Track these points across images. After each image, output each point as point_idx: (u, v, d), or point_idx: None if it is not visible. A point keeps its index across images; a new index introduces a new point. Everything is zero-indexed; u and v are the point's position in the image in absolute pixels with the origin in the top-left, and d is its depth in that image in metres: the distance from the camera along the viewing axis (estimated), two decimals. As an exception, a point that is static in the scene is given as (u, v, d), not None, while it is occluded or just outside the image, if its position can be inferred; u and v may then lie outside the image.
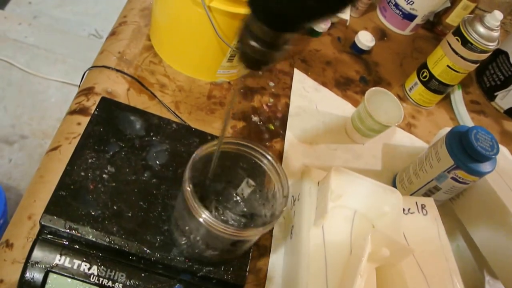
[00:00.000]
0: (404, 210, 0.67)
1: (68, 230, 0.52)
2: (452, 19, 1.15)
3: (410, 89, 1.00)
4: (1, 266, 0.55)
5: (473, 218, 0.77)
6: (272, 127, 0.82)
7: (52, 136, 0.68)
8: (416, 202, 0.69)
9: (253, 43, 0.39)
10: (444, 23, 1.18)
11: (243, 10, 0.67)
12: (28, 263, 0.51)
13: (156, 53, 0.83)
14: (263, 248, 0.67)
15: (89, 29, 2.29)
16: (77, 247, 0.53)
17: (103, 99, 0.64)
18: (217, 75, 0.82)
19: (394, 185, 0.82)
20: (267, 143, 0.79)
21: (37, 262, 0.51)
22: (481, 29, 0.83)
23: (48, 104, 1.92)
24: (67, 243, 0.53)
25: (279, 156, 0.78)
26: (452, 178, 0.71)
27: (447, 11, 1.15)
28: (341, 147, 0.85)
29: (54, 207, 0.52)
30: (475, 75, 1.16)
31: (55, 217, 0.52)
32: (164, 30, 0.79)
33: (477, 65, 0.89)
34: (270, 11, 0.37)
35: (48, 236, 0.53)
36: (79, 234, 0.52)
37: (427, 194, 0.77)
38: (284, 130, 0.82)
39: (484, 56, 0.86)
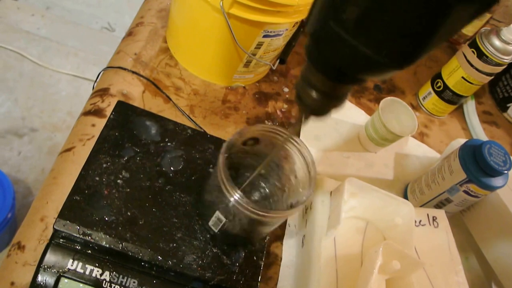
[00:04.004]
0: (415, 222, 0.67)
1: (81, 236, 0.51)
2: (467, 29, 1.15)
3: (424, 98, 1.00)
4: (13, 268, 0.55)
5: (483, 231, 0.77)
6: None
7: (61, 129, 0.68)
8: (427, 214, 0.69)
9: (312, 93, 0.38)
10: (459, 33, 1.17)
11: (262, 17, 0.67)
12: (40, 267, 0.51)
13: (172, 55, 0.82)
14: (273, 256, 0.67)
15: (102, 22, 2.29)
16: (90, 252, 0.53)
17: (119, 103, 0.64)
18: (233, 79, 0.82)
19: (405, 195, 0.82)
20: None
21: (49, 267, 0.51)
22: (497, 42, 0.83)
23: (59, 97, 1.92)
24: (80, 248, 0.53)
25: None
26: (464, 191, 0.71)
27: None
28: (354, 155, 0.84)
29: (68, 212, 0.52)
30: (488, 86, 1.15)
31: (69, 222, 0.52)
32: (181, 33, 0.78)
33: (492, 77, 0.89)
34: (329, 63, 0.35)
35: (61, 240, 0.52)
36: (92, 240, 0.52)
37: (439, 206, 0.76)
38: (298, 137, 0.81)
39: (499, 69, 0.86)
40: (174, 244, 0.55)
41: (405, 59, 0.30)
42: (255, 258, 0.58)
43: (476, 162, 0.68)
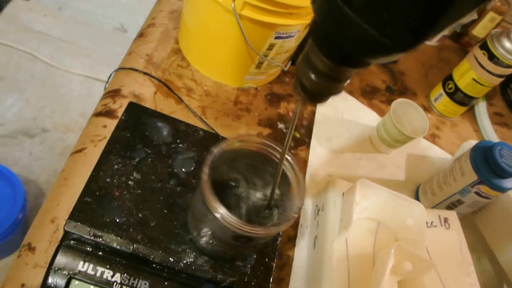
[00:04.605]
0: (427, 223, 0.67)
1: (92, 237, 0.51)
2: (478, 31, 1.16)
3: (435, 99, 1.01)
4: (23, 269, 0.54)
5: (494, 232, 0.77)
6: (298, 135, 0.81)
7: (73, 130, 0.68)
8: (439, 216, 0.69)
9: (312, 76, 0.37)
10: (470, 34, 1.19)
11: (274, 19, 0.67)
12: (51, 268, 0.50)
13: (184, 56, 0.82)
14: (286, 258, 0.66)
15: (114, 22, 2.30)
16: (101, 254, 0.52)
17: (130, 104, 0.63)
18: (245, 80, 0.81)
19: (417, 196, 0.82)
20: (292, 151, 0.79)
21: (60, 268, 0.50)
22: (507, 44, 0.84)
23: (71, 97, 1.92)
24: (90, 249, 0.52)
25: (304, 164, 0.78)
26: (476, 192, 0.71)
27: (473, 22, 1.16)
28: (366, 156, 0.84)
29: (79, 213, 0.52)
30: (499, 87, 1.16)
31: (80, 224, 0.51)
32: (193, 34, 0.78)
33: (503, 79, 0.89)
34: (334, 44, 0.34)
35: (72, 242, 0.52)
36: (103, 241, 0.51)
37: (450, 207, 0.77)
38: (310, 138, 0.82)
39: (510, 71, 0.87)
40: (186, 246, 0.54)
41: (408, 41, 0.30)
42: (267, 259, 0.58)
43: (487, 164, 0.69)
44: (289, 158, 0.50)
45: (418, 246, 0.59)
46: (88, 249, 0.52)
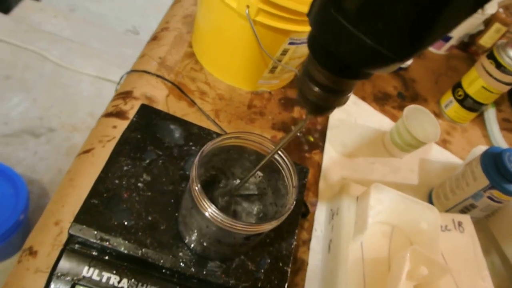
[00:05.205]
0: (441, 227, 0.68)
1: (98, 241, 0.49)
2: (485, 41, 1.22)
3: (446, 106, 1.03)
4: (23, 274, 0.52)
5: (508, 236, 0.77)
6: (312, 139, 0.81)
7: (81, 129, 0.66)
8: (453, 219, 0.70)
9: (314, 88, 0.37)
10: (477, 44, 1.24)
11: (287, 26, 0.67)
12: (53, 274, 0.48)
13: (197, 60, 0.82)
14: (300, 262, 0.65)
15: (126, 25, 2.29)
16: (107, 258, 0.50)
17: (143, 106, 0.61)
18: (258, 84, 0.81)
19: (430, 200, 0.83)
20: (307, 154, 0.78)
21: (63, 274, 0.48)
22: None
23: (80, 97, 1.91)
24: (96, 254, 0.50)
25: (318, 168, 0.77)
26: (488, 197, 0.72)
27: (480, 33, 1.22)
28: (379, 161, 0.85)
29: (85, 216, 0.50)
30: (507, 94, 1.18)
31: (85, 227, 0.49)
32: (207, 39, 0.78)
33: (511, 87, 0.92)
34: (332, 56, 0.34)
35: (76, 246, 0.50)
36: (110, 245, 0.49)
37: (464, 211, 0.78)
38: (323, 142, 0.82)
39: None
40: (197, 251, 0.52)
41: (405, 50, 0.30)
42: (281, 264, 0.56)
43: (497, 169, 0.70)
44: (282, 154, 0.49)
45: (433, 250, 0.59)
46: (94, 253, 0.50)
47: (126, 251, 0.49)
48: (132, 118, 0.60)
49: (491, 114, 1.07)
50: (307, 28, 0.68)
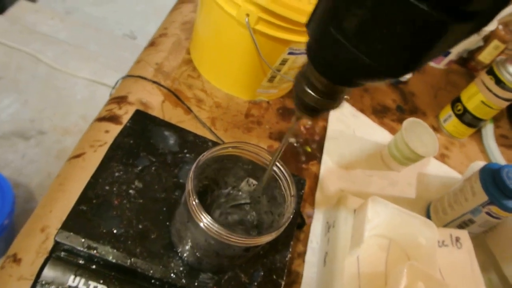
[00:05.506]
0: (438, 242, 0.68)
1: (86, 249, 0.47)
2: (484, 57, 1.22)
3: (445, 120, 1.03)
4: (6, 282, 0.50)
5: (505, 252, 0.77)
6: (309, 149, 0.80)
7: (72, 133, 0.64)
8: (450, 235, 0.69)
9: (309, 91, 0.38)
10: (476, 60, 1.24)
11: (287, 36, 0.67)
12: (37, 282, 0.46)
13: (195, 67, 0.81)
14: (295, 275, 0.63)
15: (124, 29, 2.27)
16: (95, 267, 0.48)
17: (137, 112, 0.60)
18: (257, 94, 0.80)
19: (428, 215, 0.83)
20: (304, 165, 0.77)
21: (47, 283, 0.46)
22: None
23: (73, 100, 1.88)
24: (83, 262, 0.48)
25: (315, 179, 0.76)
26: (486, 213, 0.72)
27: (479, 49, 1.22)
28: (377, 173, 0.84)
29: (73, 222, 0.48)
30: (506, 110, 1.18)
31: (73, 234, 0.47)
32: (206, 46, 0.77)
33: (510, 102, 0.92)
34: (328, 65, 0.35)
35: (63, 254, 0.48)
36: (98, 254, 0.47)
37: (461, 226, 0.77)
38: (321, 153, 0.81)
39: None
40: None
41: (402, 69, 0.31)
42: (275, 276, 0.54)
43: (496, 185, 0.70)
44: (280, 165, 0.49)
45: (431, 265, 0.59)
46: (81, 262, 0.48)
47: (114, 260, 0.47)
48: (126, 123, 0.58)
49: (489, 130, 1.07)
50: (306, 39, 0.67)
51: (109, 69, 2.00)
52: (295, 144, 0.79)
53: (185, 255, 0.50)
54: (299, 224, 0.67)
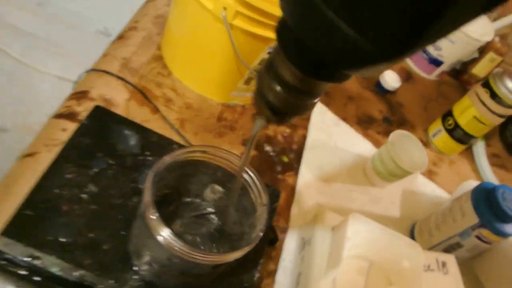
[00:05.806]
0: (424, 266, 0.64)
1: (29, 259, 0.43)
2: (479, 70, 1.18)
3: (434, 135, 0.99)
4: None
5: (495, 281, 0.74)
6: (286, 159, 0.76)
7: (37, 132, 0.58)
8: (436, 259, 0.65)
9: (276, 87, 0.32)
10: (470, 73, 1.20)
11: (267, 33, 0.63)
12: (-30, 295, 0.41)
13: (165, 64, 0.76)
14: None
15: (98, 25, 2.21)
16: (38, 279, 0.44)
17: (97, 108, 0.56)
18: (231, 96, 0.75)
19: (412, 235, 0.79)
20: (279, 176, 0.72)
21: (-18, 296, 0.41)
22: (510, 84, 0.84)
23: (40, 98, 1.81)
24: (25, 273, 0.44)
25: (292, 191, 0.72)
26: (476, 236, 0.69)
27: (474, 61, 1.18)
28: (359, 189, 0.80)
29: (15, 229, 0.44)
30: (498, 129, 1.15)
31: (14, 241, 0.43)
32: (178, 42, 0.73)
33: (504, 119, 0.89)
34: (307, 51, 0.29)
35: (2, 262, 0.43)
36: (41, 265, 0.43)
37: (448, 250, 0.73)
38: (299, 164, 0.76)
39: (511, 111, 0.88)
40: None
41: (395, 47, 0.25)
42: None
43: (489, 207, 0.67)
44: (250, 172, 0.45)
45: None
46: (23, 272, 0.44)
47: (59, 272, 0.44)
48: (83, 120, 0.53)
49: (480, 148, 1.04)
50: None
51: (79, 67, 1.93)
52: (271, 153, 0.75)
53: (142, 269, 0.45)
54: (271, 239, 0.62)
